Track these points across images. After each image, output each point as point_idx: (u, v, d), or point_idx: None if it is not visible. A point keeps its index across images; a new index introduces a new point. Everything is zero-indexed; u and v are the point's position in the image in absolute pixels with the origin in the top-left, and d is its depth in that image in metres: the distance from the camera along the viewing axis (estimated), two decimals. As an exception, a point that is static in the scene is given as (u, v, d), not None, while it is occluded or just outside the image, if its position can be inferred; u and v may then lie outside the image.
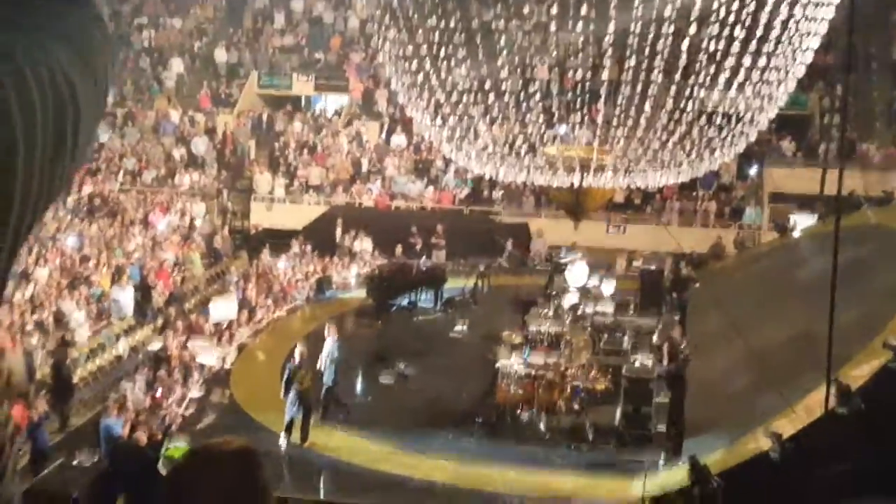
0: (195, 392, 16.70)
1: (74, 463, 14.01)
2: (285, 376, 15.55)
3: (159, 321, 20.61)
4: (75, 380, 17.07)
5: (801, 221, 23.72)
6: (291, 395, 15.23)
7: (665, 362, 16.35)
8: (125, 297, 20.70)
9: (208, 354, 18.54)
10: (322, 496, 13.37)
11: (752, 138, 19.83)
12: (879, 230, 19.13)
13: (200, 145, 30.78)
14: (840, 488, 12.09)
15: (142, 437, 14.31)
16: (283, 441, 15.21)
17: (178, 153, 30.50)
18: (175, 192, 28.91)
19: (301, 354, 15.69)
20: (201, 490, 2.18)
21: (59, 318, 18.93)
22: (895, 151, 26.48)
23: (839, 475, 12.13)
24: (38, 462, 14.18)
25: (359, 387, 18.20)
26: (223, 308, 20.91)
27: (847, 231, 18.38)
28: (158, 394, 16.49)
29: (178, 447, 14.30)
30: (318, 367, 16.05)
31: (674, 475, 13.67)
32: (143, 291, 21.41)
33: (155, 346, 19.20)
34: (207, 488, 2.17)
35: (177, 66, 33.70)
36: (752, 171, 28.24)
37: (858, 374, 13.63)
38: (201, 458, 2.27)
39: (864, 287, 16.18)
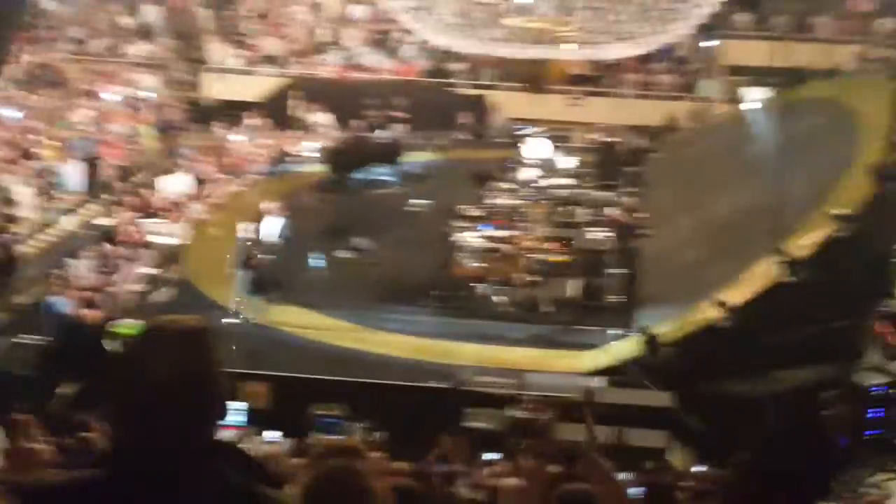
0: (145, 269, 16.61)
1: (20, 342, 13.89)
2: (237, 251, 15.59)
3: (109, 197, 20.32)
4: (19, 256, 16.73)
5: (754, 94, 23.76)
6: (241, 270, 15.31)
7: (618, 234, 16.62)
8: (73, 171, 20.31)
9: (159, 230, 18.42)
10: (279, 372, 13.53)
11: (707, 10, 19.72)
12: (827, 103, 19.26)
13: (151, 13, 29.94)
14: (786, 356, 12.51)
15: (88, 314, 14.27)
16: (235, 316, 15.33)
17: (126, 21, 29.66)
18: (123, 63, 28.22)
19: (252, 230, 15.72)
20: (153, 367, 2.20)
21: (3, 194, 18.46)
22: (845, 24, 26.43)
23: (786, 343, 12.54)
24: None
25: (314, 261, 18.22)
26: (175, 182, 20.69)
27: (796, 104, 18.53)
28: (107, 271, 16.38)
29: (126, 325, 14.33)
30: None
31: (625, 347, 14.03)
32: (92, 166, 21.03)
33: (104, 222, 18.99)
34: (159, 365, 2.20)
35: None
36: (708, 43, 28.08)
37: (805, 243, 13.92)
38: (153, 336, 2.29)
39: (812, 160, 16.38)
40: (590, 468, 4.97)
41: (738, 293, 13.40)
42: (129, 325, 14.27)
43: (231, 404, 2.48)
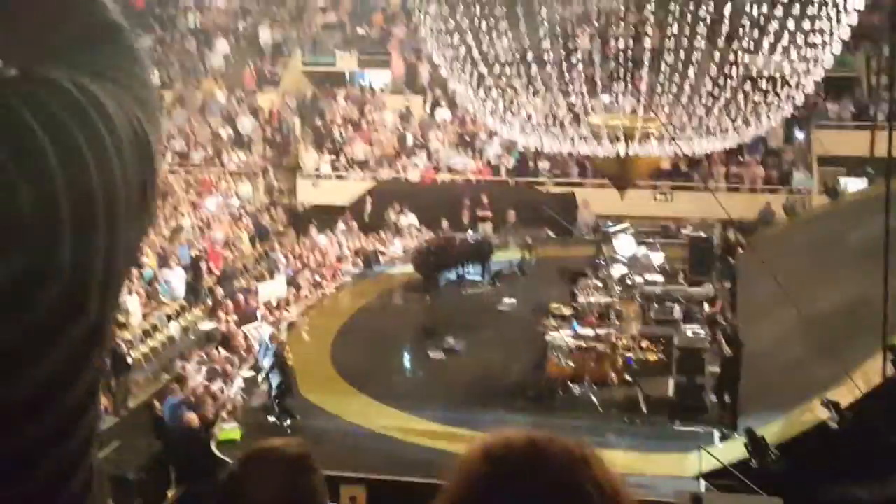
0: (246, 372, 16.85)
1: (130, 445, 14.23)
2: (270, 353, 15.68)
3: (210, 302, 20.81)
4: (129, 361, 17.30)
5: (851, 185, 23.37)
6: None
7: (717, 332, 16.25)
8: (175, 277, 20.90)
9: (258, 334, 18.70)
10: (373, 474, 13.43)
11: (799, 102, 19.56)
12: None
13: (247, 124, 30.99)
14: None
15: (193, 419, 14.48)
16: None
17: (225, 133, 30.74)
18: (222, 172, 29.15)
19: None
20: (257, 493, 2.24)
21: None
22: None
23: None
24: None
25: (408, 363, 18.27)
26: (272, 287, 21.07)
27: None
28: (210, 375, 16.67)
29: (231, 429, 14.49)
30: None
31: (730, 448, 13.58)
32: (195, 272, 21.62)
33: (206, 326, 19.42)
34: (263, 491, 2.24)
35: (222, 46, 33.89)
36: (800, 134, 27.83)
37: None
38: (258, 461, 2.32)
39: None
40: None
41: (849, 392, 12.91)
42: (233, 430, 14.43)
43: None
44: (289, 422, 14.96)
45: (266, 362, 15.69)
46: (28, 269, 0.77)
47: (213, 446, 14.05)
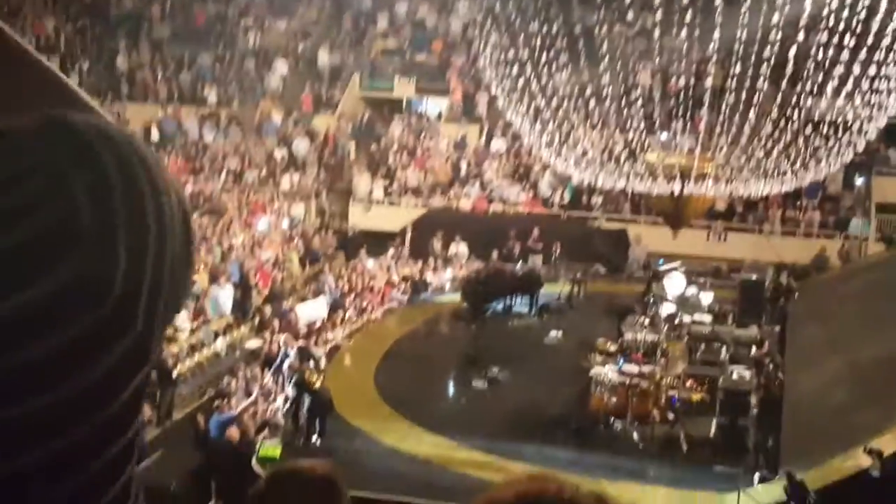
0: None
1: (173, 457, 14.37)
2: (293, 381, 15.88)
3: (257, 320, 20.99)
4: (174, 375, 17.51)
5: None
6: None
7: (762, 375, 16.08)
8: (224, 295, 21.13)
9: (302, 354, 18.79)
10: (409, 497, 13.40)
11: (860, 148, 19.35)
12: None
13: (302, 146, 31.31)
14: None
15: (234, 434, 14.61)
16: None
17: (280, 154, 31.08)
18: (276, 193, 29.47)
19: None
20: None
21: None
22: None
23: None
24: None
25: (451, 391, 18.27)
26: (311, 309, 21.15)
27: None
28: (256, 392, 16.81)
29: (271, 446, 14.58)
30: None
31: (770, 491, 13.40)
32: (244, 290, 21.84)
33: (253, 344, 19.59)
34: None
35: (281, 67, 34.34)
36: (859, 181, 27.48)
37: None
38: (284, 482, 2.35)
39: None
40: None
41: (893, 441, 12.68)
42: (273, 447, 14.52)
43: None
44: (319, 440, 15.09)
45: (290, 391, 15.95)
46: (77, 284, 0.80)
47: (253, 462, 14.14)
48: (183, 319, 19.47)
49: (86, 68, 34.39)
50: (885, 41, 16.35)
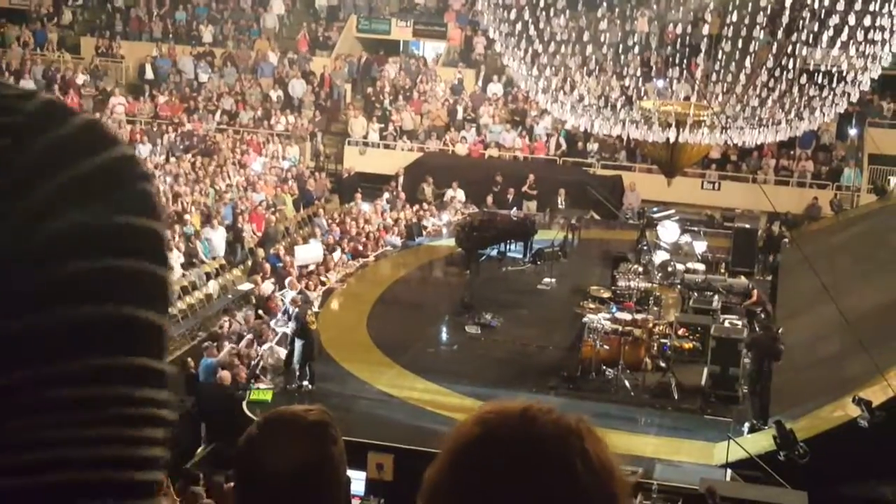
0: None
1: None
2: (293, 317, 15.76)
3: (249, 262, 20.98)
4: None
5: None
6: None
7: (754, 324, 16.20)
8: (217, 237, 21.09)
9: (295, 297, 18.81)
10: (401, 442, 13.53)
11: (854, 98, 19.32)
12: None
13: (298, 88, 31.12)
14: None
15: (226, 377, 14.69)
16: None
17: (276, 95, 30.90)
18: (271, 134, 29.34)
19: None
20: (273, 458, 2.22)
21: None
22: None
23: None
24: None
25: (444, 336, 18.36)
26: (308, 251, 21.15)
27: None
28: (246, 335, 16.83)
29: (263, 389, 14.69)
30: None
31: (759, 440, 13.58)
32: (235, 232, 21.80)
33: (244, 287, 19.61)
34: (278, 457, 2.21)
35: (277, 7, 33.98)
36: (853, 131, 27.48)
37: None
38: (276, 427, 2.31)
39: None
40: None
41: (881, 391, 12.85)
42: (264, 390, 14.63)
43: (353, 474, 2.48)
44: (311, 386, 15.10)
45: (289, 327, 15.84)
46: (90, 321, 0.80)
47: (244, 406, 14.24)
48: (174, 261, 19.42)
49: (80, 3, 34.05)
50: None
